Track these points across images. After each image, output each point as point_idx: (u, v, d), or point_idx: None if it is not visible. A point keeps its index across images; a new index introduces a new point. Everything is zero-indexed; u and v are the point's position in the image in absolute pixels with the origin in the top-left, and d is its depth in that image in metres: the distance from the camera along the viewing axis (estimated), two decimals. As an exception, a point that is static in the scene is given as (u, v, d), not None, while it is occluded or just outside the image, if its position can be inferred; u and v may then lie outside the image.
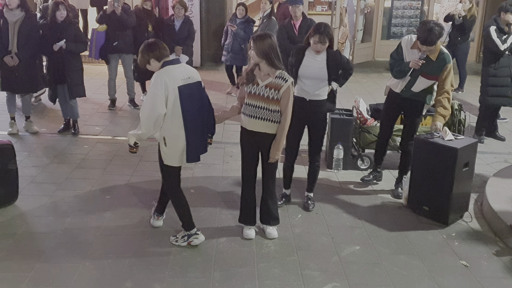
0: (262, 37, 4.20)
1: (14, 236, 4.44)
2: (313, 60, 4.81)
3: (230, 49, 8.90)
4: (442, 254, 4.43)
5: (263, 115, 4.25)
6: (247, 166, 4.51)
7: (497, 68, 6.95)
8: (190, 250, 4.33)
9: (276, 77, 4.20)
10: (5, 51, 6.51)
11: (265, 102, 4.22)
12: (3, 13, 6.46)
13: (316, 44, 4.71)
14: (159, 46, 4.10)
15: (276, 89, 4.19)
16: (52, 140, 6.84)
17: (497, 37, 6.84)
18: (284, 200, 5.18)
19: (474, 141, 5.04)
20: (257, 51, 4.16)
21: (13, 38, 6.47)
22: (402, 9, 12.48)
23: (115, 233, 4.58)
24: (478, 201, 5.39)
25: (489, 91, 7.09)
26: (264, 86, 4.21)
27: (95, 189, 5.43)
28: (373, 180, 5.77)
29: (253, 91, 4.25)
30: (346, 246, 4.48)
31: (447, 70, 4.97)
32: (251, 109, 4.27)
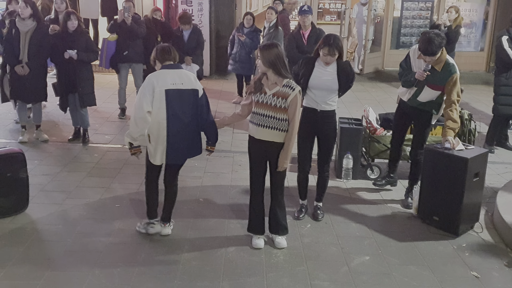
0: (269, 47, 4.25)
1: (24, 244, 4.46)
2: (323, 71, 4.80)
3: (238, 58, 8.94)
4: (453, 265, 4.39)
5: (270, 124, 4.27)
6: (256, 175, 4.51)
7: (508, 77, 6.94)
8: (199, 259, 4.33)
9: (283, 85, 4.23)
10: (16, 60, 6.58)
11: (272, 110, 4.24)
12: (16, 22, 6.53)
13: (325, 56, 4.71)
14: (166, 50, 4.46)
15: (283, 98, 4.22)
16: (63, 148, 6.88)
17: (508, 46, 6.85)
18: (304, 212, 5.14)
19: (484, 151, 5.01)
20: (264, 60, 4.20)
21: (24, 47, 6.54)
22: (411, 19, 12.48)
23: (124, 241, 4.59)
24: (489, 211, 5.35)
25: (501, 100, 7.07)
26: (271, 95, 4.24)
27: (104, 197, 5.45)
28: (386, 185, 5.75)
29: (260, 100, 4.28)
30: (355, 256, 4.46)
31: (453, 80, 4.93)
32: (259, 117, 4.30)
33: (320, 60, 4.82)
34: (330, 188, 5.81)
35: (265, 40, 8.58)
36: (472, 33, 12.31)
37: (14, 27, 6.52)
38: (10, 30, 6.55)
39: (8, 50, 6.59)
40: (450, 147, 4.85)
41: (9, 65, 6.66)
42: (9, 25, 6.60)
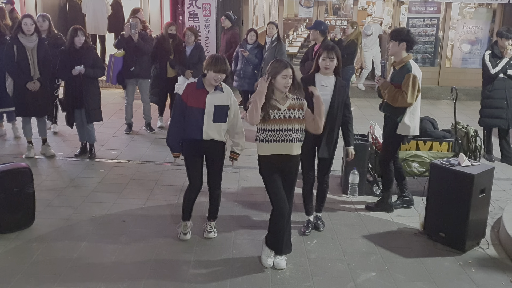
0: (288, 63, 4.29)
1: (30, 259, 4.48)
2: (322, 88, 4.80)
3: (242, 74, 8.99)
4: (459, 281, 4.37)
5: (288, 137, 4.28)
6: (280, 195, 4.34)
7: (491, 90, 7.28)
8: (205, 275, 4.32)
9: (293, 99, 4.30)
10: (27, 77, 6.60)
11: (289, 123, 4.27)
12: (18, 39, 6.53)
13: (324, 60, 4.78)
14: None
15: (299, 109, 4.30)
16: (69, 164, 6.92)
17: (489, 61, 7.19)
18: (310, 228, 5.15)
19: (490, 167, 5.01)
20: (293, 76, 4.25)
21: (34, 63, 6.60)
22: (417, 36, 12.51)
23: (130, 257, 4.59)
24: (495, 227, 5.33)
25: (484, 112, 7.43)
26: (286, 109, 4.27)
27: (111, 213, 5.47)
28: (403, 205, 5.76)
29: (277, 116, 4.25)
30: (362, 273, 4.45)
31: (407, 77, 5.19)
32: (275, 134, 4.27)
33: (318, 76, 4.87)
34: (336, 204, 5.82)
35: (268, 54, 8.65)
36: (478, 50, 12.34)
37: (16, 44, 6.52)
38: (11, 48, 6.53)
39: (15, 68, 6.57)
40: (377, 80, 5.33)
41: (20, 83, 6.62)
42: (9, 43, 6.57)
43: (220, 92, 4.61)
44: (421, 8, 11.72)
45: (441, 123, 7.52)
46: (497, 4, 11.70)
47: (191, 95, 4.59)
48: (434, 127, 6.60)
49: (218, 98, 4.60)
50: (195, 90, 4.60)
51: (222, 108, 4.61)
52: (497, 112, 7.28)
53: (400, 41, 5.26)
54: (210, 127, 4.60)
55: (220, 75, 4.49)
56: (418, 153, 5.98)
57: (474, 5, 12.38)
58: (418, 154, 5.97)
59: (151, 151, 7.50)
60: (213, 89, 4.59)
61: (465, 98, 11.17)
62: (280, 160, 4.32)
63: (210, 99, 4.57)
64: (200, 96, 4.57)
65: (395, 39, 5.28)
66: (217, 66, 4.46)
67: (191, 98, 4.58)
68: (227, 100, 4.64)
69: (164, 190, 6.07)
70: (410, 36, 5.29)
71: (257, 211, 5.56)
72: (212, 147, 4.70)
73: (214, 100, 4.58)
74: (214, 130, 4.62)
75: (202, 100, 4.56)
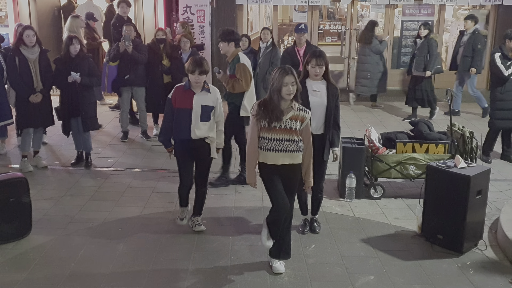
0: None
1: (27, 269, 4.46)
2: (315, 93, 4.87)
3: None
4: (458, 283, 4.37)
5: (289, 147, 4.28)
6: (282, 201, 4.33)
7: (503, 92, 7.21)
8: (203, 282, 4.31)
9: (297, 109, 4.27)
10: (30, 90, 6.56)
11: (289, 134, 4.26)
12: (20, 51, 6.49)
13: (314, 68, 4.82)
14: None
15: (300, 121, 4.28)
16: (65, 172, 6.90)
17: (501, 63, 7.10)
18: (308, 226, 5.24)
19: (486, 169, 5.02)
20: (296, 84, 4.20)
21: (36, 75, 6.57)
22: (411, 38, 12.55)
23: (128, 265, 4.58)
24: (492, 229, 5.34)
25: (497, 114, 7.32)
26: (288, 119, 4.24)
27: (108, 221, 5.45)
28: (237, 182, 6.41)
29: (277, 126, 4.23)
30: (360, 276, 4.44)
31: (238, 67, 6.06)
32: (275, 143, 4.27)
33: (308, 83, 4.90)
34: (334, 208, 5.81)
35: (263, 59, 8.66)
36: (472, 52, 12.36)
37: (18, 56, 6.48)
38: (13, 60, 6.48)
39: (19, 80, 6.52)
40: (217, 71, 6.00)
41: (23, 95, 6.57)
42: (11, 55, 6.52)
43: (207, 93, 4.91)
44: (415, 11, 11.74)
45: (437, 125, 7.54)
46: (491, 6, 11.74)
47: (179, 97, 4.89)
48: (430, 129, 6.61)
49: (204, 98, 4.90)
50: (183, 92, 4.89)
51: (208, 108, 4.91)
52: (509, 114, 7.21)
53: (229, 41, 6.15)
54: (198, 126, 4.89)
55: (200, 77, 4.76)
56: (415, 156, 5.99)
57: (468, 7, 12.42)
58: (414, 157, 5.98)
59: (147, 158, 7.48)
60: (200, 90, 4.87)
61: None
62: (281, 169, 4.33)
63: (196, 99, 4.86)
64: (187, 97, 4.85)
65: (224, 40, 6.16)
66: (196, 68, 4.72)
67: (179, 100, 4.88)
68: (213, 101, 4.94)
69: (161, 198, 6.06)
70: (236, 36, 6.25)
71: (255, 216, 5.55)
72: (201, 147, 5.00)
73: (201, 100, 4.87)
74: (202, 128, 4.92)
75: (189, 101, 4.85)
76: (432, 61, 9.40)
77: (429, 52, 9.44)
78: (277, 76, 4.16)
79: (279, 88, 4.14)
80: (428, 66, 9.41)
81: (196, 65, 4.74)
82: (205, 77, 4.84)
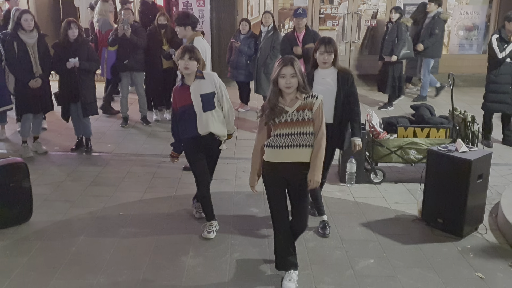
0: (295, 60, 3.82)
1: (28, 254, 4.47)
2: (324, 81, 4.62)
3: (236, 65, 8.95)
4: (457, 266, 4.37)
5: (296, 142, 3.82)
6: (280, 211, 3.99)
7: (497, 75, 7.22)
8: (204, 265, 4.32)
9: (304, 98, 3.82)
10: (30, 75, 6.51)
11: (298, 126, 3.81)
12: (18, 36, 6.42)
13: (322, 55, 4.57)
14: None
15: (309, 109, 3.81)
16: (65, 158, 6.90)
17: (496, 45, 7.12)
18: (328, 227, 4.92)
19: (488, 153, 5.00)
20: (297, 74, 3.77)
21: (35, 60, 6.52)
22: (412, 23, 12.48)
23: (128, 249, 4.59)
24: (493, 213, 5.33)
25: (489, 97, 7.36)
26: (295, 111, 3.81)
27: (108, 206, 5.45)
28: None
29: (283, 120, 3.81)
30: (360, 260, 4.45)
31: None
32: (282, 139, 3.82)
33: (318, 72, 4.65)
34: (334, 193, 5.81)
35: (264, 44, 8.60)
36: (475, 36, 12.29)
37: (16, 40, 6.42)
38: (11, 45, 6.42)
39: (18, 65, 6.47)
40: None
41: (23, 81, 6.52)
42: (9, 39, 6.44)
43: (201, 80, 4.57)
44: (417, -5, 11.64)
45: (438, 110, 7.51)
46: (494, -13, 11.65)
47: (177, 95, 4.64)
48: (432, 113, 6.59)
49: (201, 86, 4.56)
50: (179, 90, 4.61)
51: (208, 95, 4.56)
52: (502, 97, 7.24)
53: (185, 26, 6.21)
54: (203, 118, 4.56)
55: (189, 62, 4.45)
56: (416, 140, 5.97)
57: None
58: (415, 141, 5.96)
59: (147, 144, 7.48)
60: (193, 79, 4.56)
61: (462, 85, 11.14)
62: (287, 169, 3.86)
63: (193, 90, 4.54)
64: (184, 93, 4.56)
65: (180, 24, 6.22)
66: (185, 54, 4.46)
67: (178, 99, 4.63)
68: (211, 87, 4.59)
69: (162, 183, 6.06)
70: (191, 19, 6.31)
71: (255, 201, 5.55)
72: (211, 141, 4.71)
73: (198, 90, 4.54)
74: (208, 120, 4.57)
75: (187, 95, 4.54)
76: (400, 46, 9.13)
77: (398, 36, 9.16)
78: (276, 67, 3.80)
79: (276, 80, 3.77)
80: (395, 50, 9.19)
81: (186, 50, 4.49)
82: (195, 64, 4.49)
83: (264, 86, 8.71)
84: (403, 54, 9.25)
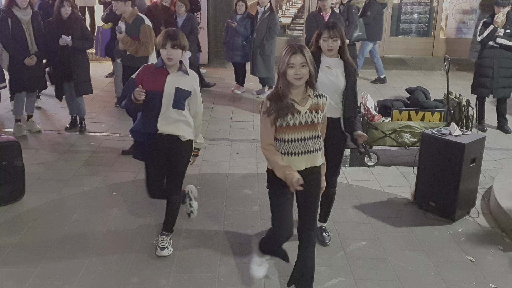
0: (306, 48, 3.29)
1: (20, 233, 4.47)
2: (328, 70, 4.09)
3: (232, 46, 8.89)
4: (449, 249, 4.40)
5: (311, 147, 3.37)
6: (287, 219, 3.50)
7: (480, 58, 7.37)
8: (196, 246, 4.33)
9: (315, 96, 3.35)
10: (26, 52, 6.45)
11: (310, 130, 3.34)
12: (12, 12, 6.34)
13: (326, 41, 3.99)
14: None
15: (320, 110, 3.35)
16: (59, 137, 6.87)
17: (479, 28, 7.29)
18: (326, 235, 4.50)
19: (481, 137, 5.00)
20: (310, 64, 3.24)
21: (30, 37, 6.46)
22: (411, 6, 12.40)
23: (121, 229, 4.60)
24: (485, 197, 5.35)
25: (474, 81, 7.51)
26: (308, 111, 3.31)
27: (101, 186, 5.45)
28: None
29: (297, 123, 3.29)
30: (352, 242, 4.47)
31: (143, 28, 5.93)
32: (295, 145, 3.33)
33: (323, 58, 4.10)
34: (327, 175, 5.81)
35: (260, 24, 8.53)
36: (472, 20, 12.24)
37: (11, 17, 6.34)
38: (5, 22, 6.33)
39: (13, 43, 6.40)
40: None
41: (18, 58, 6.45)
42: (3, 16, 6.36)
43: (184, 75, 3.93)
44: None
45: (433, 93, 7.49)
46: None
47: (147, 76, 3.90)
48: (427, 97, 6.58)
49: (181, 80, 3.90)
50: (153, 71, 3.92)
51: (184, 92, 3.90)
52: (482, 81, 7.31)
53: (125, 1, 5.93)
54: (168, 113, 3.89)
55: (172, 51, 3.79)
56: (410, 124, 5.96)
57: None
58: (409, 125, 5.95)
59: (142, 124, 7.43)
60: (176, 70, 3.91)
61: (458, 68, 11.13)
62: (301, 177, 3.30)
63: (171, 80, 3.87)
64: (158, 77, 3.87)
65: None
66: (167, 41, 3.79)
67: (146, 80, 3.87)
68: (191, 86, 3.94)
69: (155, 163, 6.04)
70: None
71: (249, 183, 5.55)
72: (173, 143, 3.98)
73: (176, 82, 3.88)
74: (172, 117, 3.91)
75: (161, 81, 3.86)
76: (351, 29, 8.81)
77: (349, 19, 8.80)
78: (283, 56, 3.25)
79: (285, 71, 3.23)
80: (347, 34, 8.99)
81: (168, 36, 3.79)
82: (180, 52, 3.84)
83: (260, 68, 8.67)
84: (355, 37, 8.99)
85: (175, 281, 3.87)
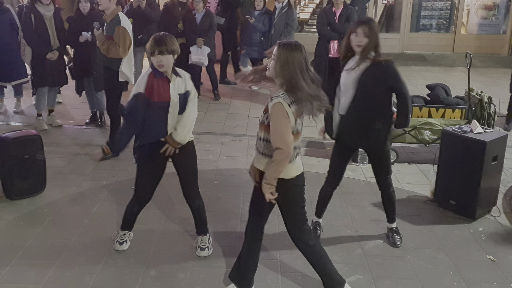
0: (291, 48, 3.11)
1: (42, 225, 4.53)
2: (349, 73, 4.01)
3: (250, 41, 8.88)
4: (469, 248, 4.35)
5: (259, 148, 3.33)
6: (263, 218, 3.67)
7: None
8: (214, 240, 4.35)
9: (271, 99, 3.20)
10: (48, 48, 6.58)
11: (261, 130, 3.30)
12: (36, 8, 6.46)
13: (357, 37, 3.88)
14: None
15: (266, 112, 3.23)
16: (79, 131, 6.95)
17: None
18: (320, 231, 4.48)
19: (503, 134, 4.93)
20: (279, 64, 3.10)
21: (53, 32, 6.58)
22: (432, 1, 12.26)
23: (140, 222, 4.60)
24: (507, 195, 5.28)
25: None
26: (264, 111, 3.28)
27: (121, 179, 5.49)
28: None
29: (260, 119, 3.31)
30: (370, 240, 4.44)
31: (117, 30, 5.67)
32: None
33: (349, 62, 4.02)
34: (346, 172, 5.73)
35: (278, 20, 8.51)
36: (495, 16, 12.06)
37: (34, 13, 6.45)
38: (28, 18, 6.47)
39: (36, 38, 6.53)
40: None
41: (40, 53, 6.59)
42: (26, 12, 6.50)
43: (178, 78, 3.84)
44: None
45: (454, 90, 7.41)
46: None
47: (155, 88, 3.77)
48: (447, 94, 6.51)
49: (179, 85, 3.83)
50: (157, 80, 3.77)
51: (184, 95, 3.86)
52: None
53: None
54: (175, 121, 3.87)
55: (162, 58, 3.66)
56: (430, 121, 5.90)
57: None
58: (430, 122, 5.90)
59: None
60: (173, 76, 3.82)
61: (480, 65, 10.98)
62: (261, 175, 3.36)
63: (173, 87, 3.80)
64: (163, 87, 3.77)
65: None
66: (154, 48, 3.66)
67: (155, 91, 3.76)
68: (185, 86, 3.87)
69: (174, 158, 6.07)
70: None
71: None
72: (182, 148, 3.97)
73: (177, 89, 3.82)
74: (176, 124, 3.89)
75: (165, 91, 3.76)
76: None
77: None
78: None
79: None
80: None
81: (155, 43, 3.65)
82: (171, 57, 3.70)
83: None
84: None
85: (193, 275, 3.89)
